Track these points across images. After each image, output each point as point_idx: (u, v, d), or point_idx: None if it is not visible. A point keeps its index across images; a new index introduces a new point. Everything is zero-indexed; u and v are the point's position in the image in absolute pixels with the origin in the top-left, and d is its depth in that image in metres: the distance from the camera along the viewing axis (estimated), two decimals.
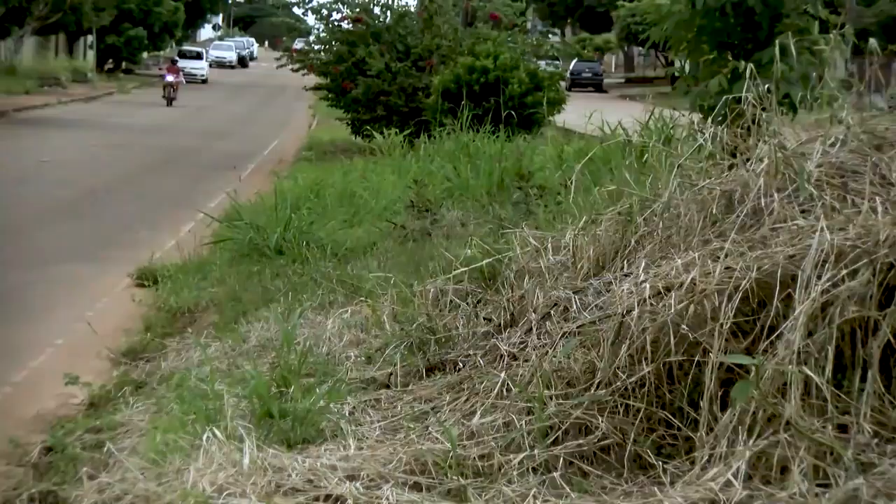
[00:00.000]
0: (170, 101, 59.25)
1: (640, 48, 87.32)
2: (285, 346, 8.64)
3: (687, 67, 20.45)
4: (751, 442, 6.43)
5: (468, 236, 11.72)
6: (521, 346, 8.01)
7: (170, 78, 61.02)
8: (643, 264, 7.79)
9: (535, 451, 6.84)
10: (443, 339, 8.78)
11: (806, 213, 7.62)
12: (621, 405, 7.00)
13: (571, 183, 10.73)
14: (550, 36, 73.25)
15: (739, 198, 8.05)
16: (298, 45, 43.43)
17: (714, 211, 8.12)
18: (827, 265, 6.92)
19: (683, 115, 13.33)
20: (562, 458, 6.79)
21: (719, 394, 6.75)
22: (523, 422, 7.08)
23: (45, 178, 26.27)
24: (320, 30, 35.02)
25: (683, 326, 7.00)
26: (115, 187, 25.45)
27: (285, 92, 64.57)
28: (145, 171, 28.90)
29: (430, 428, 7.36)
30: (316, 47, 35.25)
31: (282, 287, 11.98)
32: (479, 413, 7.38)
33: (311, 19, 35.32)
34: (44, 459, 7.82)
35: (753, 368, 6.62)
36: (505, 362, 7.90)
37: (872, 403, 6.66)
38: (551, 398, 7.13)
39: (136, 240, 17.49)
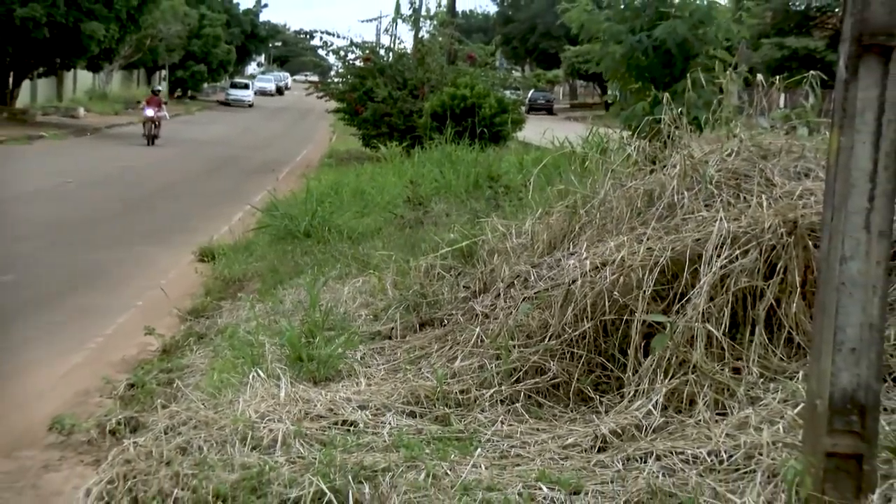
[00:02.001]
0: (151, 139, 39.09)
1: (582, 81, 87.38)
2: (312, 306, 8.62)
3: (618, 95, 20.45)
4: (666, 381, 6.44)
5: (451, 224, 11.69)
6: (492, 307, 8.00)
7: (149, 112, 39.33)
8: (585, 245, 7.79)
9: (502, 388, 6.85)
10: (432, 302, 8.76)
11: (708, 206, 7.62)
12: (568, 352, 6.99)
13: (530, 183, 10.70)
14: (513, 71, 73.05)
15: (658, 195, 8.05)
16: (309, 76, 43.39)
17: (638, 205, 8.12)
18: (724, 247, 6.93)
19: (615, 132, 13.27)
20: (522, 393, 6.80)
21: (642, 344, 6.76)
22: (493, 365, 7.07)
23: (125, 179, 26.17)
24: (338, 66, 34.91)
25: (615, 293, 7.01)
26: (181, 186, 25.37)
27: (312, 114, 63.58)
28: (204, 174, 28.80)
29: (422, 369, 7.36)
30: (335, 79, 35.21)
31: (309, 262, 11.97)
32: (459, 358, 7.37)
33: (331, 58, 35.40)
34: (128, 393, 7.81)
35: (668, 325, 6.64)
36: (479, 320, 7.88)
37: (759, 352, 6.67)
38: (514, 347, 7.12)
39: (197, 227, 17.43)
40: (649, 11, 18.77)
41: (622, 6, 19.50)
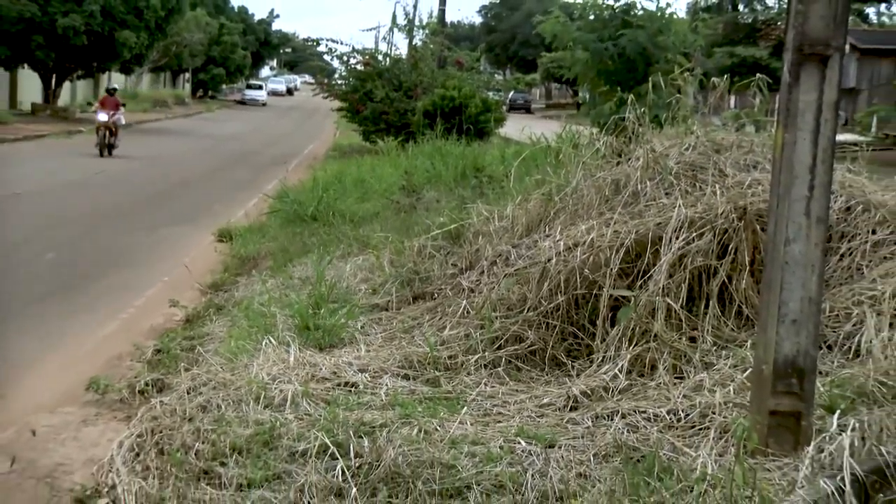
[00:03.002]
0: (106, 149, 28.04)
1: (557, 84, 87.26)
2: (318, 281, 8.60)
3: (588, 97, 20.50)
4: (630, 348, 6.45)
5: (441, 209, 11.65)
6: (477, 282, 7.98)
7: (102, 117, 28.34)
8: (559, 228, 7.78)
9: (486, 354, 6.84)
10: (424, 278, 8.74)
11: (668, 194, 7.63)
12: (543, 323, 6.98)
13: (510, 174, 10.69)
14: (496, 75, 72.91)
15: (623, 184, 8.05)
16: (307, 79, 42.76)
17: (606, 193, 8.11)
18: (682, 230, 6.94)
19: (586, 129, 13.26)
20: (503, 359, 6.80)
21: (609, 315, 6.76)
22: (478, 334, 7.06)
23: (153, 169, 26.07)
24: (342, 70, 34.75)
25: (586, 270, 7.00)
26: (203, 176, 25.27)
27: (318, 112, 62.78)
28: (223, 166, 28.66)
29: (415, 337, 7.35)
30: (339, 81, 35.02)
31: (316, 242, 11.92)
32: (448, 327, 7.37)
33: (335, 63, 35.30)
34: (155, 358, 7.79)
35: (632, 299, 6.64)
36: (465, 294, 7.87)
37: (713, 323, 6.70)
38: (497, 318, 7.11)
39: (216, 211, 17.35)
40: (615, 22, 18.86)
41: (591, 17, 19.57)
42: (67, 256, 12.54)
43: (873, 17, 59.38)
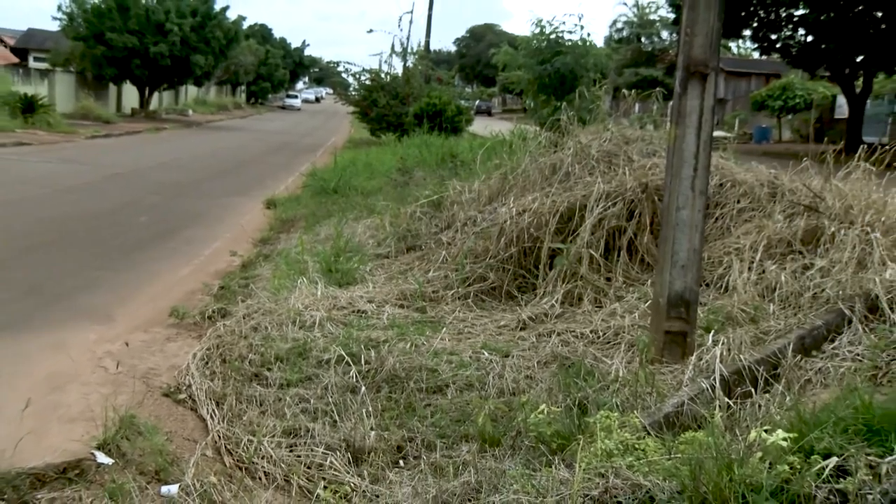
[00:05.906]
0: None
1: (510, 94, 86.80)
2: (337, 237, 8.51)
3: (532, 104, 20.44)
4: (563, 285, 6.43)
5: (426, 184, 11.55)
6: (453, 238, 7.94)
7: None
8: (512, 199, 7.73)
9: (459, 290, 6.82)
10: (414, 235, 8.68)
11: (591, 174, 7.56)
12: (501, 267, 6.95)
13: (477, 159, 10.60)
14: (466, 88, 72.49)
15: (558, 167, 7.99)
16: (330, 89, 42.39)
17: (546, 173, 8.06)
18: (601, 200, 6.89)
19: (531, 127, 13.15)
20: (472, 293, 6.78)
21: (548, 262, 6.72)
22: (453, 275, 7.03)
23: (218, 154, 25.73)
24: (355, 84, 34.34)
25: (531, 229, 6.95)
26: (255, 159, 24.92)
27: (338, 114, 61.99)
28: (270, 152, 28.28)
29: (408, 278, 7.30)
30: (353, 92, 34.67)
31: (336, 209, 11.83)
32: (432, 271, 7.34)
33: (350, 79, 35.07)
34: (219, 292, 7.70)
35: (565, 250, 6.59)
36: (445, 246, 7.83)
37: (623, 267, 6.68)
38: (467, 264, 7.07)
39: (265, 185, 17.15)
40: (549, 50, 18.96)
41: (534, 45, 19.64)
42: (156, 218, 12.36)
43: (735, 49, 59.24)
